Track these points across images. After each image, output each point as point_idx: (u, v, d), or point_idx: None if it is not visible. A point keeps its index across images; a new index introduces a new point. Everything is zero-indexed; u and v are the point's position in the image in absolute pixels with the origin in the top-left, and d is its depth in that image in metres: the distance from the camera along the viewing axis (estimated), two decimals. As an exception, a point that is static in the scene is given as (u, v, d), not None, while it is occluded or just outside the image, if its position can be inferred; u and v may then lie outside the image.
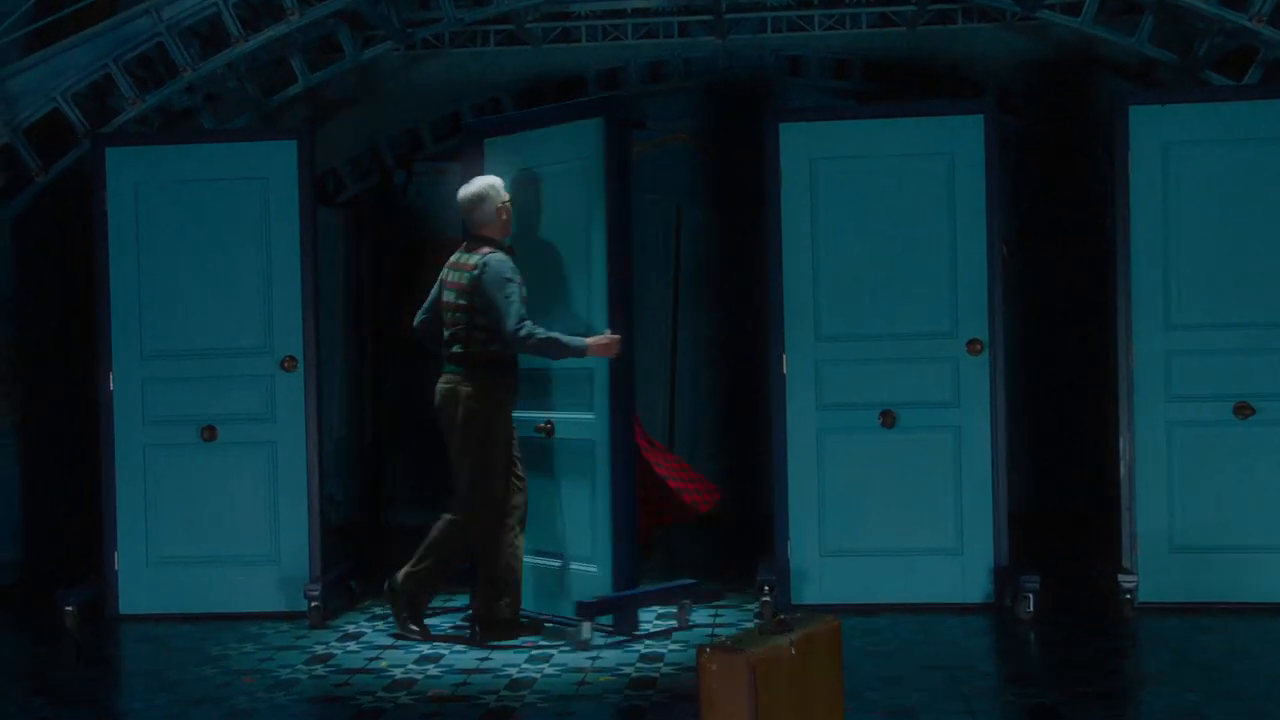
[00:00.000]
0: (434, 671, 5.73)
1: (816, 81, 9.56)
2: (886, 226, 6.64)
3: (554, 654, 5.94)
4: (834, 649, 4.26)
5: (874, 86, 9.47)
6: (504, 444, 6.15)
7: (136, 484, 6.89)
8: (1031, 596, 6.28)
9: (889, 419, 6.64)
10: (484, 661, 5.85)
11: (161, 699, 5.44)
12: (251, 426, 6.86)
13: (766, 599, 6.48)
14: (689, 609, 6.48)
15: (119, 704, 5.64)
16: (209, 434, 6.87)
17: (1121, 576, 6.38)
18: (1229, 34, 7.53)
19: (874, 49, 9.42)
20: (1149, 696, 5.24)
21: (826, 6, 9.18)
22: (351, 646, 6.21)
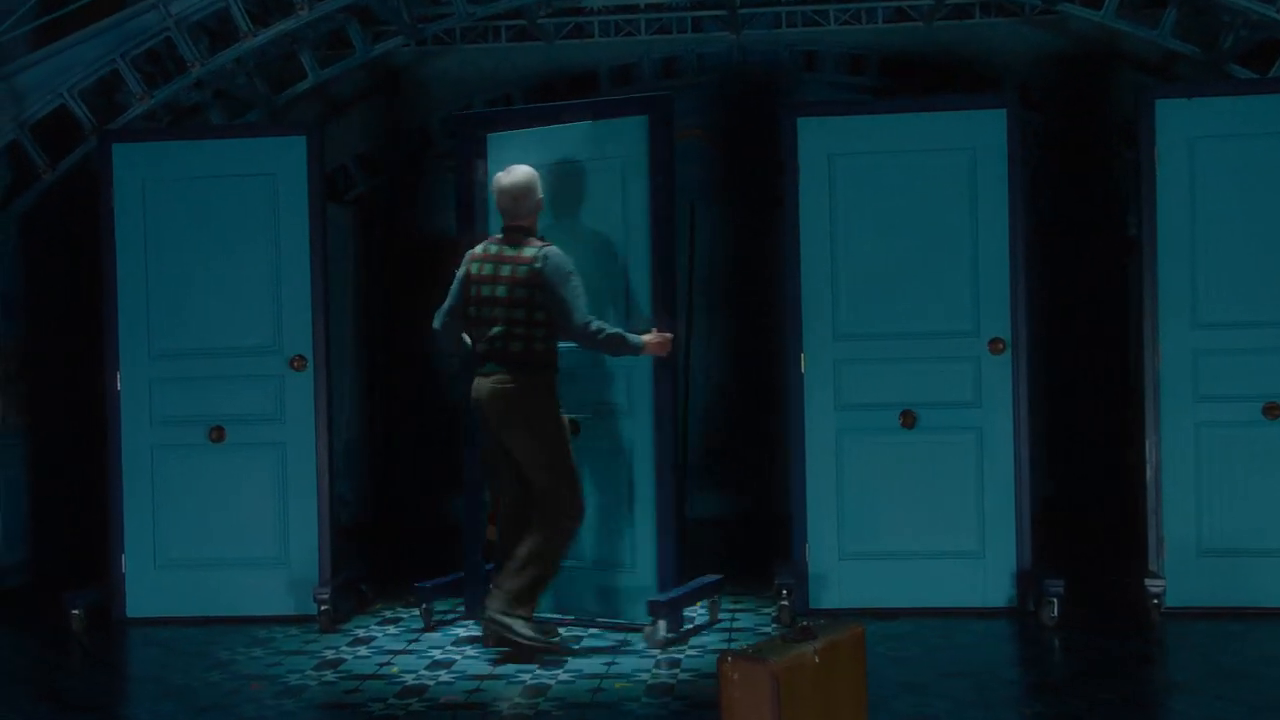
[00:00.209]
0: (446, 678, 5.62)
1: (831, 77, 9.48)
2: (906, 223, 6.51)
3: (567, 659, 5.83)
4: (858, 657, 4.17)
5: (890, 82, 9.38)
6: (568, 439, 6.03)
7: (144, 485, 6.80)
8: (1056, 601, 6.14)
9: (909, 419, 6.51)
10: (497, 667, 5.74)
11: (168, 707, 5.35)
12: (261, 427, 6.76)
13: (784, 603, 6.38)
14: (718, 604, 6.50)
15: (125, 711, 5.56)
16: (217, 434, 6.77)
17: (1148, 581, 6.24)
18: (1254, 26, 7.43)
19: (890, 44, 9.33)
20: (1179, 705, 5.13)
21: (842, 1, 9.09)
22: (362, 651, 6.11)
